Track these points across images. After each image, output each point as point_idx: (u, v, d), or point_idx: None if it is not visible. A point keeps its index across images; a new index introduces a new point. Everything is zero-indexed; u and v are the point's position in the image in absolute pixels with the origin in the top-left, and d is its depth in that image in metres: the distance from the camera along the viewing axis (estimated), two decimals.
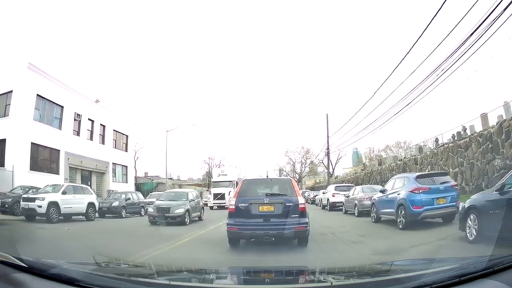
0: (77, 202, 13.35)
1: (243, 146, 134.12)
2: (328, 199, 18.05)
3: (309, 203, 29.04)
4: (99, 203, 15.74)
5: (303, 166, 61.08)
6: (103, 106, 25.45)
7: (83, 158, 21.93)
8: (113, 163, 26.28)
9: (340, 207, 16.40)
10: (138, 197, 18.40)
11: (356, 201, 13.30)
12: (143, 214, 17.18)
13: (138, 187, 33.36)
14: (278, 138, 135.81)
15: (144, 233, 9.77)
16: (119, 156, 27.59)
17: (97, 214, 14.92)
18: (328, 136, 31.23)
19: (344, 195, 16.09)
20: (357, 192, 13.85)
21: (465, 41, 9.72)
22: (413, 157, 20.31)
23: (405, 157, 22.14)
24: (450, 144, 16.65)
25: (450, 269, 1.66)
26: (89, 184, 23.41)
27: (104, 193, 24.14)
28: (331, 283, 1.85)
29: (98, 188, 24.04)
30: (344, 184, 21.92)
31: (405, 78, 16.34)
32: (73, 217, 13.35)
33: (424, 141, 23.50)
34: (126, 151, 29.61)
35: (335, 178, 39.48)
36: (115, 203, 16.00)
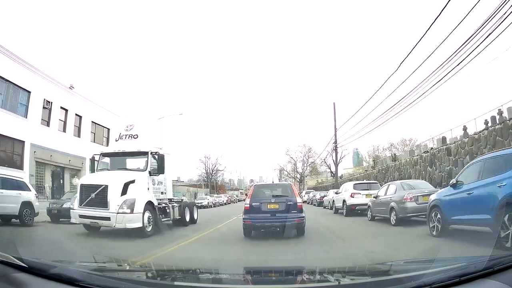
0: (4, 200, 11.40)
1: (242, 145, 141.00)
2: (344, 201, 16.36)
3: (314, 205, 29.12)
4: (50, 204, 14.75)
5: (305, 165, 64.47)
6: (79, 94, 25.56)
7: (53, 152, 22.03)
8: (90, 159, 26.52)
9: (361, 211, 14.93)
10: None
11: (393, 204, 11.12)
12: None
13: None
14: (278, 137, 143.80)
15: None
16: (99, 151, 27.75)
17: (48, 218, 13.98)
18: (335, 128, 31.62)
19: (366, 195, 14.92)
20: (393, 191, 11.73)
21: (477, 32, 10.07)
22: (444, 146, 18.81)
23: (432, 148, 21.44)
24: (497, 126, 15.14)
25: (450, 269, 1.92)
26: (61, 182, 23.73)
27: None
28: (337, 282, 2.14)
29: (73, 187, 24.35)
30: (365, 181, 19.64)
31: (413, 70, 16.58)
32: (12, 220, 11.94)
33: (430, 138, 23.66)
34: (108, 146, 29.88)
35: (340, 178, 40.37)
36: (66, 204, 13.43)
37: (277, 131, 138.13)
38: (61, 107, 23.29)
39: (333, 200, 19.26)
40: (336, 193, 19.18)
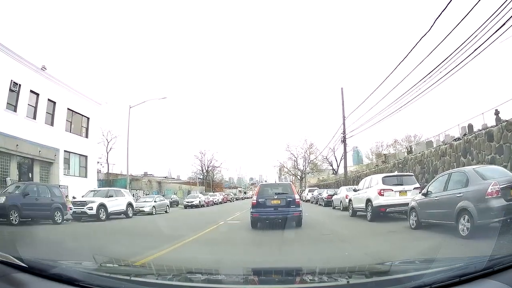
0: None
1: (241, 143, 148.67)
2: (369, 201, 14.12)
3: (320, 204, 29.30)
4: None
5: (306, 162, 68.80)
6: (53, 77, 25.63)
7: (20, 141, 21.93)
8: (65, 150, 26.79)
9: (395, 215, 13.55)
10: (52, 192, 16.98)
11: (464, 203, 8.19)
12: (59, 221, 16.23)
13: (111, 184, 34.16)
14: (278, 133, 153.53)
15: None
16: (76, 142, 28.19)
17: None
18: (344, 117, 31.83)
19: (400, 192, 13.31)
20: (461, 183, 8.79)
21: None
22: (484, 130, 17.45)
23: (465, 134, 20.68)
24: None
25: (450, 269, 2.21)
26: (30, 176, 23.88)
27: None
28: (337, 283, 2.45)
29: (44, 182, 24.16)
30: (397, 174, 16.71)
31: (420, 62, 16.74)
32: None
33: (457, 125, 23.75)
34: (87, 137, 30.31)
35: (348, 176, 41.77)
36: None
37: (277, 127, 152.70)
38: (31, 91, 23.29)
39: (350, 200, 17.44)
40: (355, 190, 17.17)
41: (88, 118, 30.51)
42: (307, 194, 40.76)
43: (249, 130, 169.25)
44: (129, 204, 22.05)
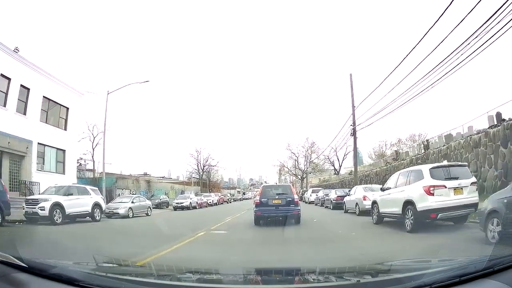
0: None
1: (241, 142, 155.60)
2: (409, 203, 11.54)
3: (327, 207, 29.28)
4: None
5: (307, 161, 72.12)
6: (28, 60, 25.62)
7: None
8: (39, 143, 26.80)
9: (445, 220, 11.43)
10: None
11: None
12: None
13: (96, 182, 34.50)
14: (279, 133, 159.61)
15: None
16: (52, 134, 28.24)
17: None
18: (353, 106, 31.95)
19: (455, 189, 10.82)
20: None
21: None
22: None
23: (503, 120, 18.52)
24: None
25: (450, 269, 2.46)
26: None
27: (21, 185, 24.43)
28: (337, 282, 2.74)
29: (14, 177, 24.49)
30: (447, 164, 12.55)
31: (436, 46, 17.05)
32: None
33: (485, 112, 24.00)
34: (65, 129, 30.33)
35: (349, 174, 43.02)
36: None
37: (278, 127, 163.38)
38: (2, 75, 23.26)
39: (374, 202, 15.36)
40: (383, 189, 15.02)
41: (68, 109, 30.57)
42: (311, 195, 40.94)
43: (249, 130, 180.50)
44: (96, 205, 21.07)
